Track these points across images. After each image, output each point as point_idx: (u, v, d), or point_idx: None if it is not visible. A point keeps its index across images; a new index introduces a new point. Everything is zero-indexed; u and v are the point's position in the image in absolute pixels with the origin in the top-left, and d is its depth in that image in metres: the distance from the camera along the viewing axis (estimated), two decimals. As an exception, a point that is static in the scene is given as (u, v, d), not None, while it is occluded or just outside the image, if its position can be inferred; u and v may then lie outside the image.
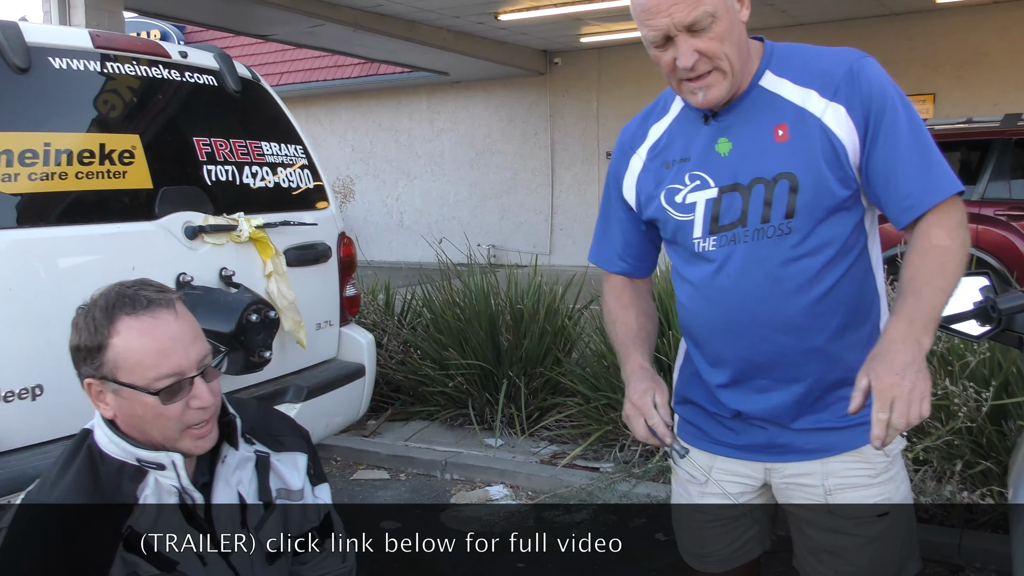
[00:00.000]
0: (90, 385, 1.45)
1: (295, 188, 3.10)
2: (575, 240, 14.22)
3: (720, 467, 1.75)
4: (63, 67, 2.46)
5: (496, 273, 5.20)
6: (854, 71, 1.55)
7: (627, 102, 14.02)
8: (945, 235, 1.49)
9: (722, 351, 1.67)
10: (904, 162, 1.52)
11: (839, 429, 1.65)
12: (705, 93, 1.54)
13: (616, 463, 4.07)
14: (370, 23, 11.10)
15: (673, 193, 1.66)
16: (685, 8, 1.46)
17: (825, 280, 1.58)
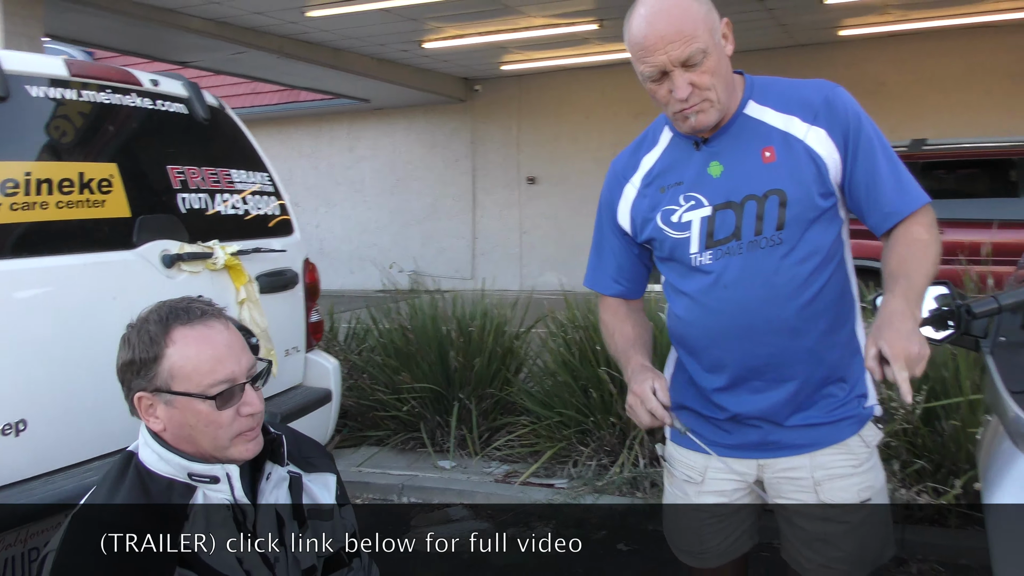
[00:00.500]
0: (140, 399, 1.48)
1: (263, 215, 3.12)
2: (497, 264, 14.37)
3: (715, 466, 1.88)
4: (40, 95, 2.45)
5: (440, 297, 5.27)
6: (830, 99, 1.74)
7: (547, 129, 14.33)
8: (925, 232, 1.70)
9: (721, 356, 1.80)
10: (882, 177, 1.72)
11: (826, 424, 1.81)
12: (696, 118, 1.70)
13: (570, 479, 4.17)
14: (295, 50, 11.07)
15: (669, 214, 1.80)
16: (680, 46, 1.61)
17: (813, 285, 1.74)
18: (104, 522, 1.43)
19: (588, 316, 4.42)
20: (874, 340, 1.51)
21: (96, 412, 2.41)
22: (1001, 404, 1.85)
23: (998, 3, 10.13)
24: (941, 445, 3.66)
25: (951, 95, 11.60)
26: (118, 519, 1.43)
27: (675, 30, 1.60)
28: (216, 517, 1.51)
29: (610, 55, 12.56)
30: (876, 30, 11.31)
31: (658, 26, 1.62)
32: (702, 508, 1.91)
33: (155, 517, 1.46)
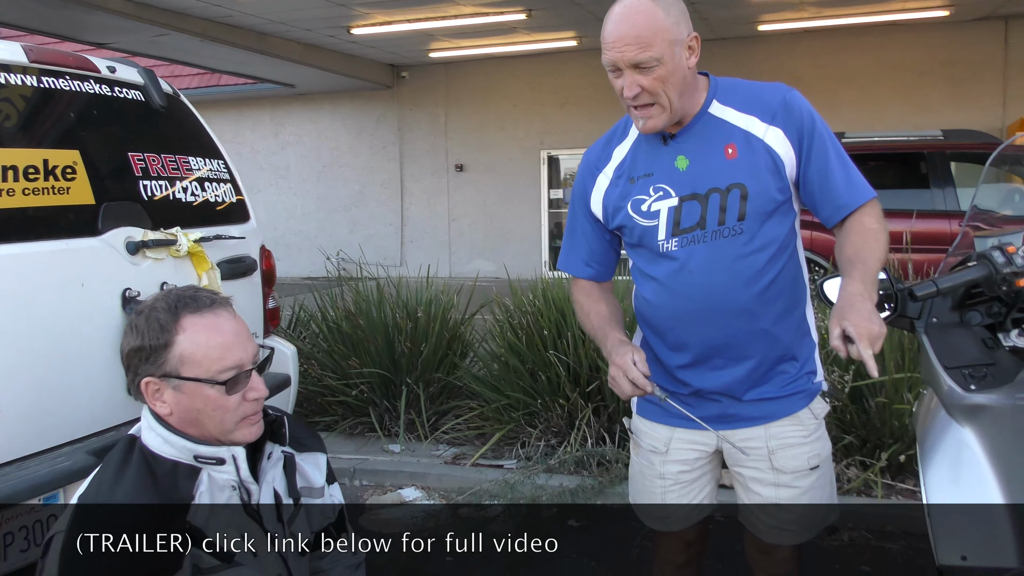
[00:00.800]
0: (147, 384, 1.52)
1: (221, 203, 3.13)
2: (426, 252, 14.39)
3: (679, 437, 2.03)
4: (1, 82, 2.42)
5: (375, 284, 5.30)
6: (787, 101, 1.89)
7: (475, 116, 14.38)
8: (875, 222, 1.88)
9: (684, 336, 1.94)
10: (833, 173, 1.88)
11: (779, 398, 1.97)
12: (646, 122, 1.85)
13: (519, 460, 4.29)
14: (219, 34, 10.84)
15: (639, 203, 1.92)
16: (633, 50, 1.75)
17: (769, 272, 1.90)
18: (114, 505, 1.46)
19: (534, 302, 4.54)
20: (838, 321, 1.66)
21: (66, 398, 2.41)
22: (936, 378, 2.04)
23: (907, 2, 10.65)
24: (867, 421, 3.91)
25: (864, 89, 12.14)
26: (128, 501, 1.47)
27: (634, 35, 1.73)
28: (221, 497, 1.56)
29: (538, 44, 12.68)
30: (793, 26, 11.74)
31: (621, 27, 1.76)
32: (666, 475, 2.05)
33: (163, 498, 1.50)
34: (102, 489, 1.49)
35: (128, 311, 2.56)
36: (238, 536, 1.56)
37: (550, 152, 14.06)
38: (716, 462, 2.09)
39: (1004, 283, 1.88)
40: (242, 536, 1.57)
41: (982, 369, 1.96)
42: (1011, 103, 11.70)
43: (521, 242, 13.97)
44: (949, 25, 11.64)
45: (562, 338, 4.27)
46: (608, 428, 4.20)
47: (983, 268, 1.91)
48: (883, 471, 3.81)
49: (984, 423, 1.85)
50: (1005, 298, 1.98)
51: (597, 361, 4.16)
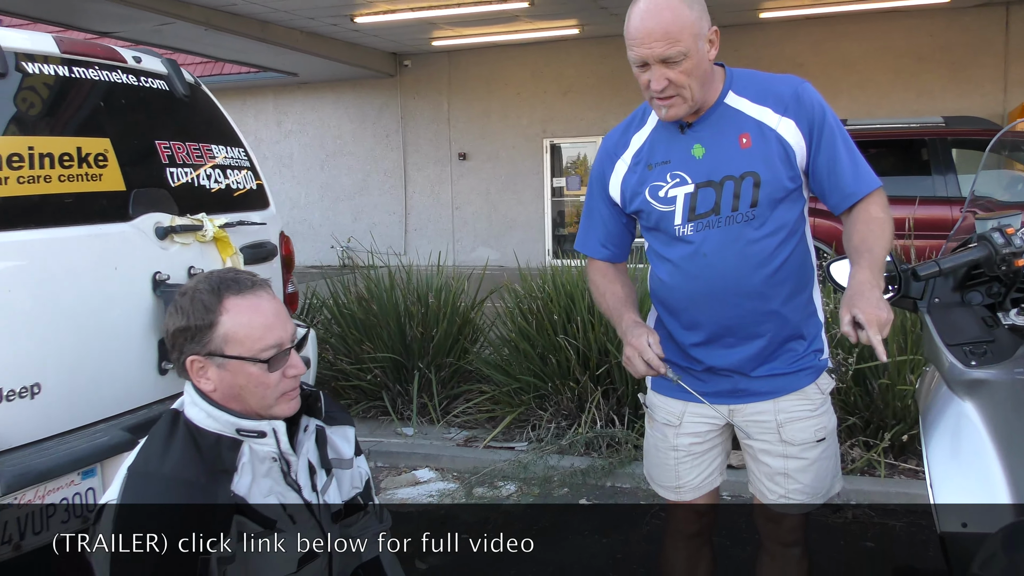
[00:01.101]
0: (193, 362, 1.60)
1: (242, 189, 3.21)
2: (429, 240, 14.47)
3: (692, 411, 2.12)
4: (36, 72, 2.49)
5: (382, 271, 5.39)
6: (799, 93, 1.97)
7: (478, 105, 14.43)
8: (880, 211, 1.97)
9: (698, 316, 2.04)
10: (842, 163, 1.97)
11: (788, 374, 2.07)
12: (668, 111, 1.93)
13: (530, 442, 4.39)
14: (222, 22, 10.88)
15: (657, 189, 2.01)
16: (663, 46, 1.83)
17: (779, 256, 1.99)
18: (164, 474, 1.54)
19: (543, 287, 4.63)
20: (848, 308, 1.75)
21: (102, 377, 2.50)
22: (938, 355, 2.13)
23: (908, -11, 10.70)
24: (870, 403, 4.01)
25: (864, 75, 12.19)
26: (177, 471, 1.55)
27: (662, 31, 1.81)
28: (261, 468, 1.64)
29: (540, 32, 12.73)
30: (794, 13, 11.78)
31: (648, 24, 1.82)
32: (679, 447, 2.15)
33: (209, 468, 1.58)
34: (151, 459, 1.56)
35: (158, 293, 2.66)
36: (278, 504, 1.65)
37: (553, 140, 14.12)
38: (726, 435, 2.19)
39: (1003, 263, 1.97)
40: (282, 504, 1.65)
41: (982, 346, 2.05)
42: (1012, 89, 11.75)
43: (525, 230, 14.04)
44: (950, 11, 11.69)
45: (572, 322, 4.36)
46: (617, 411, 4.30)
47: (983, 249, 2.00)
48: (886, 451, 3.92)
49: (983, 397, 1.94)
50: (1004, 278, 2.07)
51: (607, 344, 4.25)
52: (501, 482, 4.03)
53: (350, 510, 1.88)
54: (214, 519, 1.53)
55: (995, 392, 1.91)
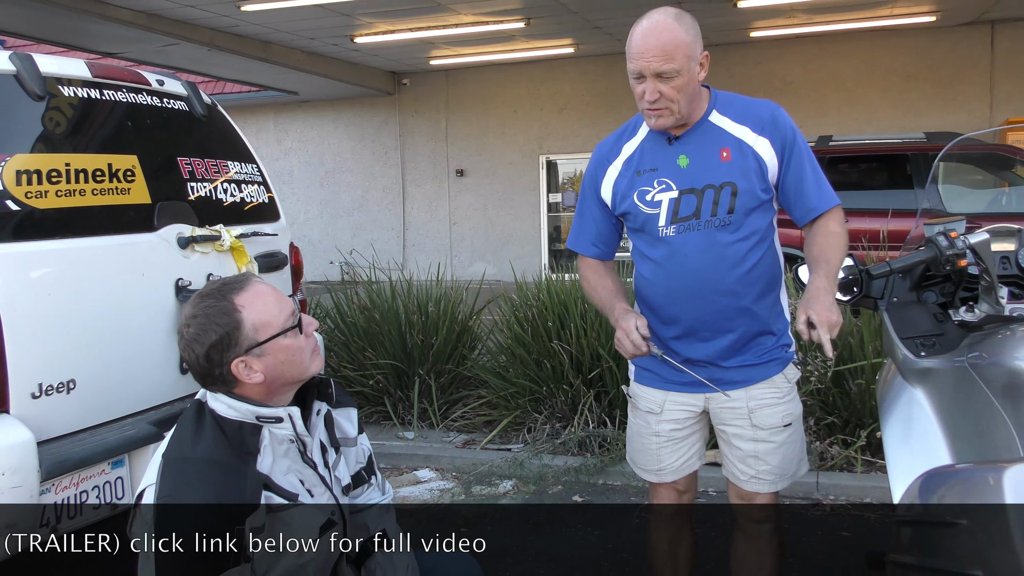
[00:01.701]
0: (237, 365, 1.76)
1: (255, 202, 3.44)
2: (427, 255, 14.68)
3: (672, 400, 2.34)
4: (70, 94, 2.73)
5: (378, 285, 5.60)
6: (775, 117, 2.23)
7: (475, 122, 14.71)
8: (838, 226, 2.22)
9: (677, 311, 2.26)
10: (807, 182, 2.22)
11: (757, 365, 2.29)
12: (657, 120, 2.17)
13: (525, 444, 4.60)
14: (226, 43, 11.15)
15: (644, 193, 2.24)
16: (659, 62, 2.06)
17: (751, 258, 2.22)
18: (198, 457, 1.73)
19: (538, 295, 4.85)
20: (804, 310, 2.00)
21: (130, 375, 2.71)
22: (894, 348, 2.36)
23: (894, 8, 10.98)
24: (848, 403, 4.23)
25: (853, 93, 12.49)
26: (209, 453, 1.74)
27: (660, 48, 2.05)
28: (280, 449, 1.84)
29: (537, 51, 13.03)
30: (784, 32, 12.08)
31: (649, 41, 2.07)
32: (660, 432, 2.36)
33: (236, 450, 1.78)
34: (184, 445, 1.74)
35: (181, 299, 2.87)
36: (297, 480, 1.85)
37: (549, 157, 14.39)
38: (703, 423, 2.41)
39: (948, 263, 2.20)
40: (300, 480, 1.85)
41: (931, 339, 2.28)
42: (998, 106, 12.04)
43: (522, 245, 14.29)
44: (936, 30, 11.99)
45: (565, 329, 4.58)
46: (609, 412, 4.51)
47: (930, 251, 2.23)
48: (863, 449, 4.13)
49: (931, 383, 2.17)
50: (952, 277, 2.30)
51: (599, 349, 4.47)
52: (498, 480, 4.24)
53: (356, 482, 2.08)
54: (246, 493, 1.73)
55: (941, 378, 2.14)
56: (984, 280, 2.22)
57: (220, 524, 1.65)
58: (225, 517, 1.65)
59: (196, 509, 1.66)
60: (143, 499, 1.73)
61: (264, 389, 1.80)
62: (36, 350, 2.42)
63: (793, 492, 3.92)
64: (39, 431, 2.38)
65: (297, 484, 1.85)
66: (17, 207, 2.42)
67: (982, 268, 2.22)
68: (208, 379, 1.78)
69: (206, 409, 1.81)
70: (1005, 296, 2.21)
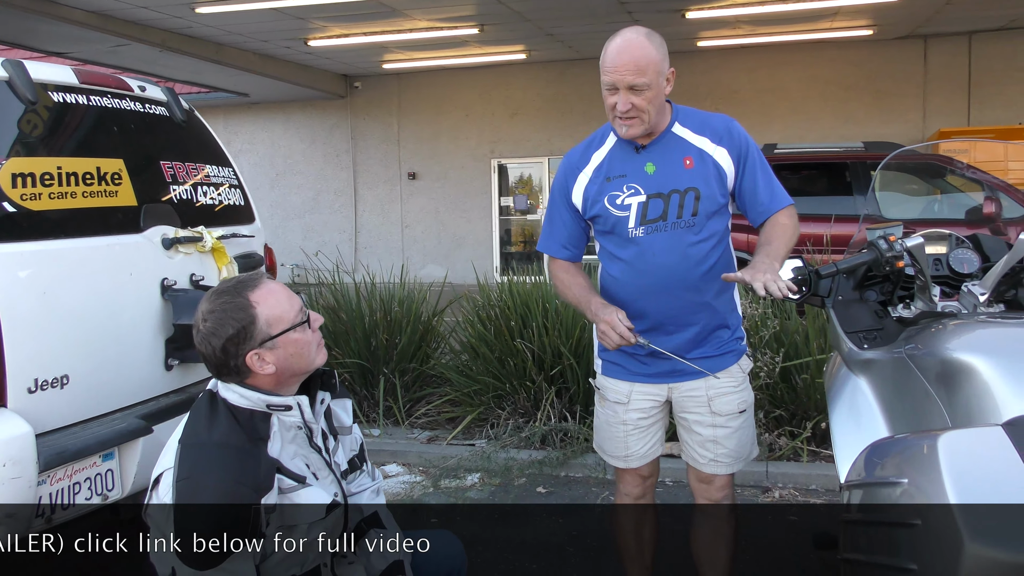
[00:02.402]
0: (251, 357, 1.89)
1: (232, 204, 3.55)
2: (379, 258, 14.72)
3: (638, 390, 2.53)
4: (59, 100, 2.81)
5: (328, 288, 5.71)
6: (730, 129, 2.45)
7: (427, 126, 14.83)
8: (787, 219, 2.44)
9: (644, 307, 2.45)
10: (760, 187, 2.43)
11: (715, 356, 2.50)
12: (628, 129, 2.37)
13: (488, 439, 4.76)
14: (178, 44, 11.11)
15: (614, 198, 2.43)
16: (631, 76, 2.27)
17: (711, 258, 2.43)
18: (214, 442, 1.86)
19: (501, 296, 5.02)
20: (750, 276, 2.20)
21: (119, 371, 2.81)
22: (839, 341, 2.59)
23: (834, 21, 11.44)
24: (795, 397, 4.49)
25: (795, 102, 12.95)
26: (224, 438, 1.87)
27: (633, 63, 2.26)
28: (288, 435, 1.98)
29: (489, 57, 13.21)
30: (730, 42, 12.48)
31: (623, 56, 2.28)
32: (628, 421, 2.55)
33: (249, 435, 1.91)
34: (200, 431, 1.87)
35: (166, 297, 2.98)
36: (304, 464, 1.99)
37: (500, 161, 14.59)
38: (665, 412, 2.60)
39: (887, 264, 2.43)
40: (307, 464, 1.99)
41: (873, 333, 2.51)
42: (931, 116, 12.61)
43: (473, 248, 14.44)
44: (873, 43, 12.51)
45: (527, 328, 4.76)
46: (570, 408, 4.70)
47: (871, 253, 2.46)
48: (808, 440, 4.39)
49: (872, 372, 2.40)
50: (892, 278, 2.53)
51: (560, 348, 4.66)
52: (464, 473, 4.40)
53: (351, 468, 2.22)
54: (261, 474, 1.86)
55: (882, 368, 2.37)
56: (919, 280, 2.46)
57: (237, 503, 1.77)
58: (242, 496, 1.77)
59: (215, 489, 1.77)
60: (160, 483, 1.85)
61: (274, 380, 1.93)
62: (32, 346, 2.51)
63: (744, 480, 4.15)
64: (35, 425, 2.47)
65: (304, 468, 1.98)
66: (13, 208, 2.51)
67: (917, 269, 2.45)
68: (223, 370, 1.91)
69: (218, 398, 1.94)
70: (937, 294, 2.46)
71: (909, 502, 1.33)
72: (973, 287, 2.41)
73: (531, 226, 14.78)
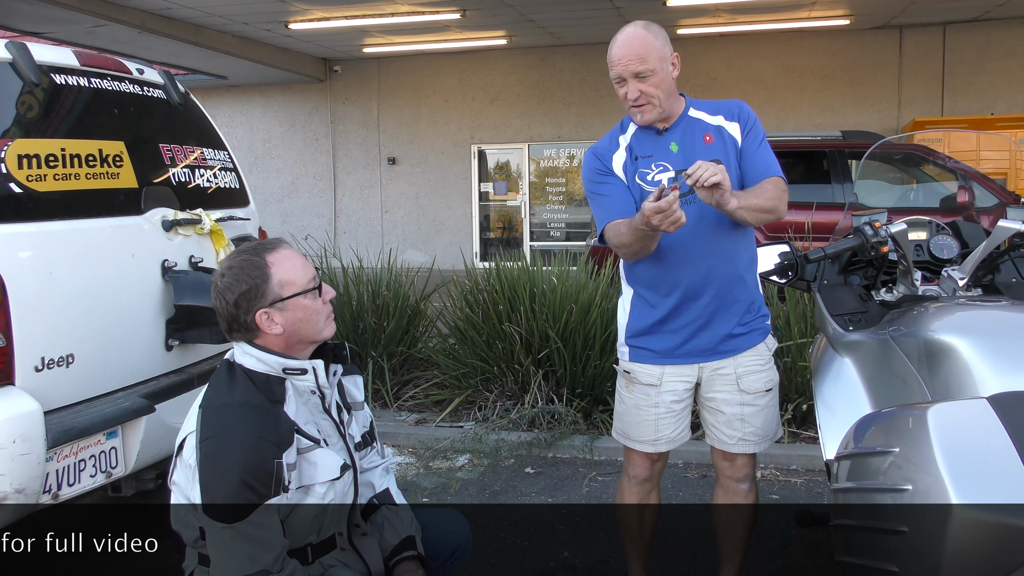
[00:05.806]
0: (261, 315, 1.96)
1: (229, 188, 3.58)
2: (359, 242, 14.70)
3: (669, 372, 2.60)
4: (62, 82, 2.84)
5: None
6: (741, 107, 2.60)
7: (407, 110, 14.82)
8: (771, 185, 2.49)
9: (679, 276, 2.52)
10: (757, 157, 2.55)
11: (743, 335, 2.59)
12: (642, 115, 2.49)
13: (476, 422, 4.84)
14: (157, 25, 11.02)
15: (645, 175, 2.54)
16: (635, 64, 2.38)
17: (739, 229, 2.53)
18: (236, 402, 1.93)
19: (489, 279, 5.09)
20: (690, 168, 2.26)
21: (121, 350, 2.85)
22: (825, 323, 2.70)
23: (812, 11, 11.57)
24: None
25: (773, 91, 13.09)
26: (245, 398, 1.93)
27: (635, 53, 2.38)
28: (302, 399, 2.04)
29: (469, 42, 13.22)
30: (709, 30, 12.58)
31: (624, 48, 2.40)
32: (659, 404, 2.62)
33: (267, 397, 1.98)
34: (221, 394, 1.94)
35: (167, 278, 3.02)
36: (316, 430, 2.05)
37: (480, 146, 14.62)
38: (692, 398, 2.67)
39: (872, 250, 2.54)
40: (318, 429, 2.06)
41: (857, 316, 2.62)
42: (905, 106, 12.81)
43: (453, 233, 14.48)
44: (850, 33, 12.67)
45: (515, 312, 4.84)
46: (556, 391, 4.79)
47: (857, 239, 2.56)
48: (789, 421, 4.51)
49: (857, 353, 2.50)
50: (876, 262, 2.64)
51: (547, 331, 4.74)
52: (454, 455, 4.48)
53: (363, 442, 2.29)
54: (282, 430, 1.92)
55: (865, 349, 2.47)
56: (902, 265, 2.57)
57: (262, 456, 1.85)
58: (265, 450, 1.85)
59: (239, 443, 1.85)
60: (184, 447, 1.93)
61: (283, 342, 2.00)
62: (39, 325, 2.55)
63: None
64: (42, 403, 2.51)
65: (316, 433, 2.05)
66: (20, 190, 2.54)
67: (900, 254, 2.56)
68: (233, 325, 1.99)
69: (235, 366, 2.02)
70: (919, 279, 2.57)
71: (900, 470, 1.43)
72: (953, 272, 2.53)
73: (509, 212, 14.83)
